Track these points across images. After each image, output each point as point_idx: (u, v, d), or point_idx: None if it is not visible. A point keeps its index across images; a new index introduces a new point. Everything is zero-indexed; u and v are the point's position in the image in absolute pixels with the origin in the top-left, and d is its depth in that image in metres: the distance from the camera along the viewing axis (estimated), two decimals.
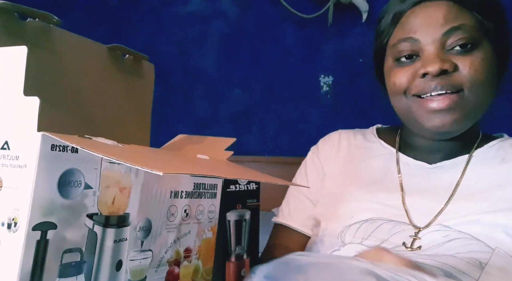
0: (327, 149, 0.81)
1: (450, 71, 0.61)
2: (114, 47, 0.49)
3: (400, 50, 0.65)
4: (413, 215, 0.66)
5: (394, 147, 0.76)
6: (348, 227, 0.67)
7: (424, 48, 0.63)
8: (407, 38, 0.64)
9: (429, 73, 0.61)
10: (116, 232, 0.39)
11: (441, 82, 0.61)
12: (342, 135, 0.82)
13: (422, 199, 0.67)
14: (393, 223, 0.65)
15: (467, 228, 0.60)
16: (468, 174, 0.67)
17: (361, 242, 0.64)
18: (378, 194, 0.70)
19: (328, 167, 0.79)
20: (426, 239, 0.62)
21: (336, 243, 0.66)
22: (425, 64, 0.61)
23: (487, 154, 0.69)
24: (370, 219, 0.67)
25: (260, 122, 1.71)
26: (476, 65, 0.60)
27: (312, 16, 1.63)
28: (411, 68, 0.64)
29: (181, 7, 1.81)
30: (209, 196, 0.52)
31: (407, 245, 0.62)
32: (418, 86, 0.63)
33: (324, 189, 0.77)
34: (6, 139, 0.34)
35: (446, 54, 0.62)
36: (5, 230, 0.32)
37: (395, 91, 0.67)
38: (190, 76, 1.79)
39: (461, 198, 0.65)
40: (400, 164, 0.73)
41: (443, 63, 0.60)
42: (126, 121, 0.51)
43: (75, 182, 0.35)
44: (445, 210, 0.64)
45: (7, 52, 0.36)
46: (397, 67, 0.66)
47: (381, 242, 0.63)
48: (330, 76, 1.65)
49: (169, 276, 0.46)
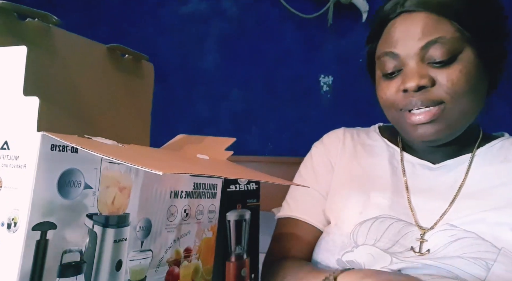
0: (333, 144, 0.81)
1: (428, 86, 0.62)
2: (113, 47, 0.49)
3: (384, 65, 0.66)
4: (419, 215, 0.67)
5: (398, 146, 0.76)
6: (359, 226, 0.67)
7: (405, 62, 0.64)
8: (389, 52, 0.65)
9: (408, 89, 0.62)
10: (116, 232, 0.39)
11: (420, 97, 0.62)
12: (346, 132, 0.82)
13: (428, 199, 0.67)
14: (402, 223, 0.66)
15: (473, 227, 0.61)
16: (471, 173, 0.68)
17: (374, 243, 0.65)
18: (385, 191, 0.70)
19: (335, 161, 0.79)
20: (433, 240, 0.63)
21: (349, 243, 0.66)
22: (404, 80, 0.63)
23: (489, 152, 0.70)
24: (380, 217, 0.67)
25: (260, 122, 1.71)
26: (454, 78, 0.61)
27: (312, 16, 1.63)
28: (395, 82, 0.66)
29: (181, 7, 1.81)
30: (209, 196, 0.52)
31: (415, 249, 0.63)
32: (402, 101, 0.64)
33: (333, 183, 0.77)
34: (6, 139, 0.34)
35: (426, 68, 0.62)
36: (5, 230, 0.32)
37: (383, 104, 0.69)
38: (190, 76, 1.79)
39: (466, 197, 0.65)
40: (404, 163, 0.73)
41: (421, 79, 0.61)
42: (126, 121, 0.51)
43: (75, 182, 0.35)
44: (450, 210, 0.65)
45: (6, 52, 0.36)
46: (384, 80, 0.68)
47: (392, 244, 0.64)
48: (330, 76, 1.65)
49: (169, 276, 0.46)
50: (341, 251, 0.66)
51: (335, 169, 0.78)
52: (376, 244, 0.65)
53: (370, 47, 0.73)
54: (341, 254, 0.65)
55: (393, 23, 0.66)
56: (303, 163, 0.84)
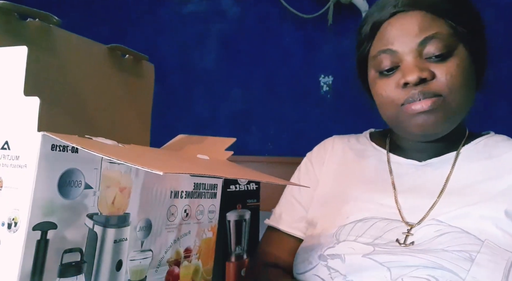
0: (320, 155, 0.83)
1: (428, 79, 0.63)
2: (114, 47, 0.49)
3: (381, 62, 0.67)
4: (405, 212, 0.68)
5: (385, 148, 0.78)
6: (343, 227, 0.68)
7: (403, 58, 0.65)
8: (386, 49, 0.67)
9: (409, 82, 0.64)
10: (116, 232, 0.39)
11: (422, 90, 0.63)
12: (336, 140, 0.85)
13: (414, 196, 0.69)
14: (387, 221, 0.67)
15: (458, 222, 0.62)
16: (456, 170, 0.70)
17: (355, 239, 0.66)
18: (372, 194, 0.72)
19: (320, 172, 0.81)
20: (418, 234, 0.64)
21: (331, 241, 0.67)
22: (405, 74, 0.64)
23: (474, 150, 0.72)
24: (365, 219, 0.68)
25: (260, 122, 1.71)
26: (452, 71, 0.63)
27: (312, 16, 1.63)
28: (393, 79, 0.67)
29: (181, 7, 1.81)
30: (209, 196, 0.52)
31: (400, 241, 0.64)
32: (403, 95, 0.65)
33: (317, 193, 0.79)
34: (6, 139, 0.34)
35: (424, 63, 0.64)
36: (5, 230, 0.32)
37: (382, 102, 0.69)
38: (190, 76, 1.79)
39: (451, 192, 0.67)
40: (391, 163, 0.75)
41: (421, 72, 0.63)
42: (126, 121, 0.51)
43: (75, 182, 0.35)
44: (436, 205, 0.66)
45: (7, 52, 0.36)
46: (380, 79, 0.69)
47: (375, 239, 0.65)
48: (330, 76, 1.65)
49: (169, 276, 0.46)
50: (323, 247, 0.67)
51: (320, 181, 0.80)
52: (357, 239, 0.66)
53: (361, 52, 0.74)
54: (323, 250, 0.66)
55: (389, 22, 0.67)
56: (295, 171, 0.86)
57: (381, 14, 0.68)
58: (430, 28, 0.64)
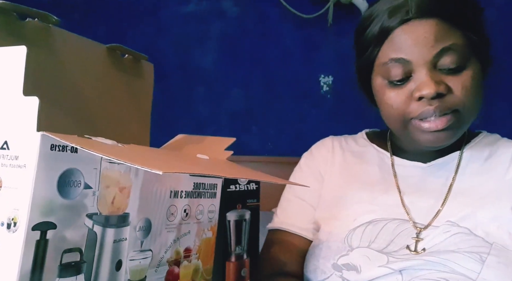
0: (322, 153, 0.81)
1: (444, 94, 0.61)
2: (113, 47, 0.49)
3: (391, 71, 0.64)
4: (413, 213, 0.67)
5: (387, 150, 0.77)
6: (353, 230, 0.68)
7: (416, 69, 0.62)
8: (398, 58, 0.63)
9: (424, 97, 0.61)
10: (115, 232, 0.39)
11: (438, 106, 0.61)
12: (335, 141, 0.83)
13: (420, 198, 0.69)
14: (396, 222, 0.66)
15: (465, 223, 0.62)
16: (461, 170, 0.69)
17: (368, 245, 0.65)
18: (377, 196, 0.71)
19: (325, 171, 0.79)
20: (428, 238, 0.64)
21: (343, 247, 0.66)
22: (420, 87, 0.61)
23: (475, 149, 0.72)
24: (373, 221, 0.67)
25: (260, 122, 1.71)
26: (467, 85, 0.61)
27: (312, 16, 1.63)
28: (405, 90, 0.63)
29: (181, 7, 1.81)
30: (209, 196, 0.52)
31: (411, 248, 0.63)
32: (417, 110, 0.62)
33: (323, 192, 0.77)
34: (6, 139, 0.34)
35: (439, 75, 0.61)
36: (5, 230, 0.32)
37: (392, 113, 0.66)
38: (190, 76, 1.79)
39: (457, 193, 0.67)
40: (395, 166, 0.74)
41: (438, 87, 0.60)
42: (126, 121, 0.51)
43: (75, 181, 0.35)
44: (443, 207, 0.66)
45: (6, 52, 0.36)
46: (390, 88, 0.65)
47: (388, 244, 0.65)
48: (330, 76, 1.65)
49: (169, 276, 0.46)
50: (336, 255, 0.66)
51: (325, 178, 0.78)
52: (370, 245, 0.65)
53: (367, 56, 0.69)
54: (336, 259, 0.66)
55: (402, 29, 0.63)
56: (292, 174, 0.84)
57: (392, 19, 0.63)
58: (447, 39, 0.61)
